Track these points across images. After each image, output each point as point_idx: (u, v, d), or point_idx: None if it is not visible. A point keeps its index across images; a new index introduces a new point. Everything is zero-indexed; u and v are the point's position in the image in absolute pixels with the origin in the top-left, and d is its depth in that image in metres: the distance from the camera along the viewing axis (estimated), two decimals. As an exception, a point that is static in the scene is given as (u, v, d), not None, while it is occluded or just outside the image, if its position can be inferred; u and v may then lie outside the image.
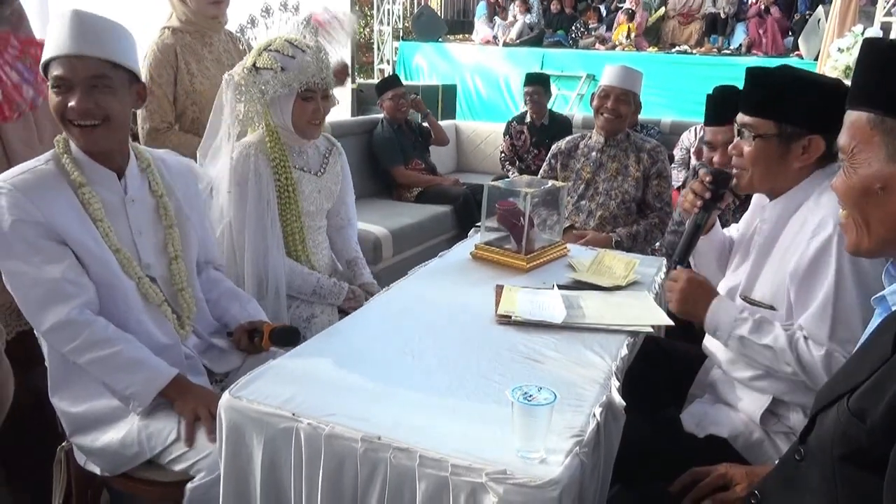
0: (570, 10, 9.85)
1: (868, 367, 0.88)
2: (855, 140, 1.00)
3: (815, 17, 7.14)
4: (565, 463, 1.07)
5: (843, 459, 0.87)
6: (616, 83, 2.80)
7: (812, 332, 1.37)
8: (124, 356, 1.43)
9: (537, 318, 1.60)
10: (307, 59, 1.87)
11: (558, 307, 1.66)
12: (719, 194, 1.58)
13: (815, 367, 1.35)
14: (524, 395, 1.09)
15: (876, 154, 0.97)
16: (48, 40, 1.41)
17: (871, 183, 0.98)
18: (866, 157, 0.98)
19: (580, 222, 2.90)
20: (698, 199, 1.58)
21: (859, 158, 0.99)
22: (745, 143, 1.50)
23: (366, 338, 1.53)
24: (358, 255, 2.25)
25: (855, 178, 1.00)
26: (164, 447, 1.42)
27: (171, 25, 2.34)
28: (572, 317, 1.62)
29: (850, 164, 1.01)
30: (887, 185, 0.96)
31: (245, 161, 1.90)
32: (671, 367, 1.75)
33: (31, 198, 1.39)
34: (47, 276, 1.39)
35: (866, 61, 1.01)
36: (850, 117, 1.02)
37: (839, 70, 4.94)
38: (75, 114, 1.39)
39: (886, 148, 0.96)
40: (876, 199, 0.98)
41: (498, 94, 8.58)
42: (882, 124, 0.96)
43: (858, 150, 0.99)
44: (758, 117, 1.47)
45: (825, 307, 1.35)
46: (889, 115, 0.95)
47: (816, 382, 1.35)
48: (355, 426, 1.15)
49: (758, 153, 1.47)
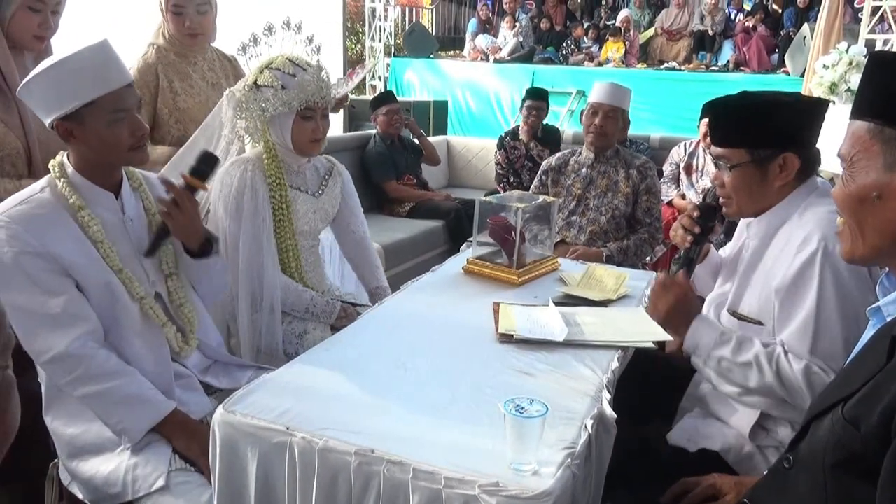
0: (561, 28, 9.96)
1: (863, 376, 0.90)
2: (855, 149, 1.02)
3: (800, 35, 7.23)
4: (557, 475, 1.08)
5: (836, 467, 0.89)
6: (604, 100, 2.84)
7: (793, 347, 1.39)
8: (121, 392, 1.42)
9: (538, 337, 1.60)
10: (308, 77, 1.88)
11: (558, 325, 1.65)
12: (709, 227, 1.61)
13: (794, 381, 1.36)
14: (516, 408, 1.10)
15: (874, 163, 0.99)
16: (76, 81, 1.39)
17: (868, 191, 0.99)
18: (865, 165, 1.00)
19: (571, 237, 2.93)
20: (688, 234, 1.61)
21: (858, 167, 1.01)
22: (723, 174, 1.53)
23: (359, 352, 1.54)
24: (382, 283, 2.25)
25: (853, 186, 1.02)
26: (148, 493, 1.37)
27: (156, 43, 2.34)
28: (573, 334, 1.63)
29: (849, 173, 1.03)
30: (883, 194, 0.98)
31: (242, 176, 1.91)
32: (662, 379, 1.77)
33: (30, 229, 1.39)
34: (48, 310, 1.38)
35: (870, 73, 1.03)
36: (852, 126, 1.03)
37: (825, 86, 5.01)
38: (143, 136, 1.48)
39: (884, 157, 0.98)
40: (872, 206, 1.00)
41: (489, 110, 8.63)
42: (882, 134, 0.98)
43: (857, 159, 1.01)
44: (729, 147, 1.50)
45: (807, 322, 1.37)
46: (889, 125, 0.97)
47: (795, 397, 1.37)
48: (349, 440, 1.16)
49: (737, 182, 1.50)
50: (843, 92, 4.91)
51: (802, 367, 1.36)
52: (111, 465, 1.42)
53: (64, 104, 1.39)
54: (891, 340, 0.89)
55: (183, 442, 1.43)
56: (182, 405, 1.51)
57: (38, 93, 1.41)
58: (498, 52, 9.24)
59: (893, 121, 0.97)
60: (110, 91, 1.41)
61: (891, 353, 0.87)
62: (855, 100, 1.05)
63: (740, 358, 1.42)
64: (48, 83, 1.39)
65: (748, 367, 1.41)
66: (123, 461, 1.41)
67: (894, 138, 0.97)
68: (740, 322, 1.53)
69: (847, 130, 1.05)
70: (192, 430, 1.46)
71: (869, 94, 1.02)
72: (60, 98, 1.39)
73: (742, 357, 1.42)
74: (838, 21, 5.72)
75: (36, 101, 1.43)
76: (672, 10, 9.20)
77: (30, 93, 1.42)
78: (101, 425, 1.45)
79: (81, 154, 1.47)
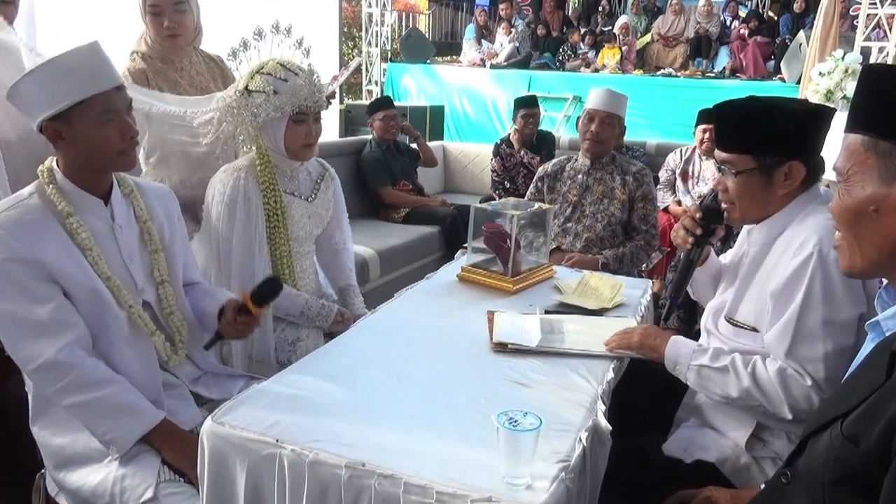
0: (557, 33, 9.98)
1: (862, 392, 0.88)
2: (850, 162, 1.00)
3: (796, 42, 7.26)
4: (551, 489, 1.06)
5: (834, 484, 0.87)
6: (601, 106, 2.83)
7: (772, 347, 1.40)
8: (109, 401, 1.40)
9: (513, 341, 1.60)
10: (299, 82, 1.87)
11: (535, 332, 1.65)
12: (710, 229, 1.60)
13: (768, 383, 1.37)
14: (509, 421, 1.08)
15: (870, 176, 0.98)
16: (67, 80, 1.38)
17: (865, 205, 0.98)
18: (860, 178, 0.99)
19: (567, 244, 2.92)
20: (690, 235, 1.60)
21: (854, 180, 1.00)
22: (727, 179, 1.51)
23: (351, 361, 1.52)
24: (351, 282, 2.24)
25: (849, 200, 1.01)
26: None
27: (139, 50, 2.30)
28: (549, 341, 1.62)
29: (845, 186, 1.01)
30: (880, 208, 0.97)
31: (234, 184, 1.90)
32: (658, 389, 1.75)
33: (17, 235, 1.37)
34: (34, 317, 1.36)
35: (864, 86, 1.02)
36: (847, 140, 1.02)
37: (820, 94, 5.02)
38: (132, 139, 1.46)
39: (880, 170, 0.96)
40: (869, 220, 0.98)
41: (485, 116, 8.63)
42: (876, 147, 0.97)
43: (853, 172, 1.00)
44: (734, 153, 1.48)
45: (788, 323, 1.37)
46: (883, 139, 0.96)
47: (771, 400, 1.37)
48: (339, 452, 1.14)
49: (741, 188, 1.49)
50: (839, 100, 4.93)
51: (777, 369, 1.37)
52: (99, 476, 1.40)
53: (53, 103, 1.37)
54: (890, 356, 0.87)
55: (172, 453, 1.41)
56: (172, 415, 1.48)
57: (27, 93, 1.39)
58: (494, 57, 9.25)
59: (887, 133, 0.96)
60: (100, 91, 1.40)
61: (890, 369, 0.86)
62: (849, 112, 1.04)
63: (718, 363, 1.45)
64: (38, 82, 1.38)
65: (726, 371, 1.43)
66: (111, 472, 1.39)
67: (889, 151, 0.96)
68: (736, 329, 1.52)
69: (842, 144, 1.04)
70: (181, 440, 1.44)
71: (863, 107, 1.01)
72: (50, 97, 1.37)
73: (720, 362, 1.45)
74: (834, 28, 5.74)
75: (24, 102, 1.41)
76: (668, 17, 9.22)
77: (18, 93, 1.40)
78: (90, 436, 1.42)
79: (70, 158, 1.45)
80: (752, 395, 1.39)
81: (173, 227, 1.66)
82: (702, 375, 1.46)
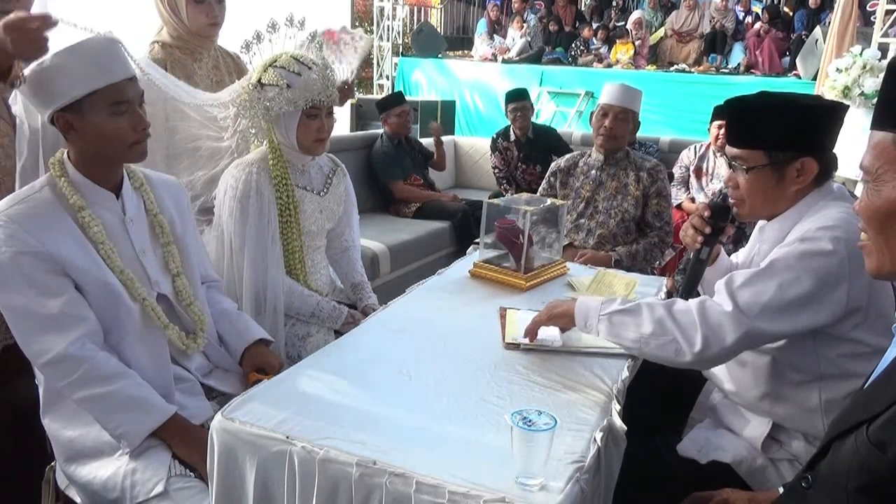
0: (570, 28, 9.91)
1: (888, 397, 0.86)
2: (879, 161, 0.97)
3: (812, 38, 7.17)
4: (566, 490, 1.05)
5: (859, 491, 0.85)
6: (615, 101, 2.80)
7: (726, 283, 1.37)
8: (120, 395, 1.39)
9: (535, 343, 1.57)
10: (313, 76, 1.85)
11: (555, 331, 1.62)
12: (719, 228, 1.57)
13: (685, 312, 1.35)
14: (524, 420, 1.06)
15: None
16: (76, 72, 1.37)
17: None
18: (891, 178, 0.95)
19: (579, 240, 2.89)
20: (699, 234, 1.57)
21: (884, 179, 0.96)
22: (738, 175, 1.49)
23: (362, 358, 1.50)
24: (363, 278, 2.22)
25: (879, 201, 0.97)
26: (147, 499, 1.34)
27: (160, 40, 2.31)
28: (572, 340, 1.60)
29: (875, 186, 0.98)
30: None
31: (247, 178, 1.88)
32: (672, 388, 1.73)
33: (28, 228, 1.36)
34: (46, 311, 1.36)
35: (890, 82, 0.99)
36: (875, 138, 0.99)
37: (837, 90, 4.95)
38: (144, 131, 1.45)
39: None
40: None
41: (496, 111, 8.58)
42: None
43: (883, 171, 0.96)
44: (746, 149, 1.46)
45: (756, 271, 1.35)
46: None
47: (684, 329, 1.34)
48: (350, 450, 1.12)
49: (753, 184, 1.46)
50: (857, 96, 4.86)
51: (700, 300, 1.35)
52: (109, 470, 1.40)
53: (65, 93, 1.37)
54: None
55: (183, 447, 1.40)
56: (182, 409, 1.48)
57: (38, 84, 1.39)
58: (506, 52, 9.21)
59: None
60: (112, 82, 1.39)
61: None
62: (875, 110, 1.01)
63: (628, 306, 1.42)
64: (49, 73, 1.37)
65: (637, 310, 1.40)
66: (122, 466, 1.39)
67: None
68: None
69: (869, 142, 1.00)
70: (192, 435, 1.43)
71: (891, 104, 0.98)
72: (62, 87, 1.37)
73: (630, 304, 1.42)
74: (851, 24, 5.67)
75: (35, 93, 1.41)
76: (682, 12, 9.14)
77: (30, 84, 1.39)
78: (101, 429, 1.42)
79: (81, 150, 1.44)
80: (665, 327, 1.36)
81: (184, 220, 1.65)
82: (613, 322, 1.42)
